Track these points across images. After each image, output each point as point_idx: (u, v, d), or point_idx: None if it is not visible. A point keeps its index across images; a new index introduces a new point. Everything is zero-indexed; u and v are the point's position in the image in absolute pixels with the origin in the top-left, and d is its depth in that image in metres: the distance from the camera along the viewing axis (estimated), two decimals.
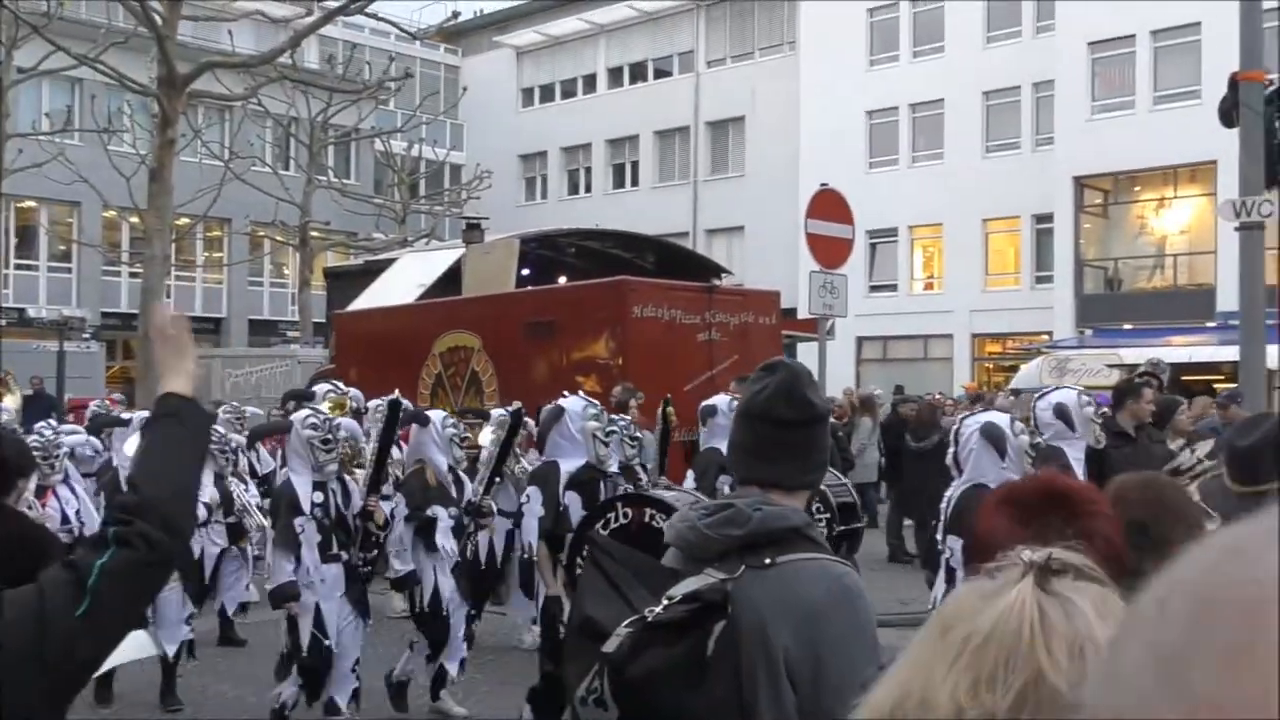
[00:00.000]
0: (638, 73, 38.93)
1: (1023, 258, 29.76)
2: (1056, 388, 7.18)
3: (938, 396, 16.82)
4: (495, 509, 7.89)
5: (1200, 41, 24.17)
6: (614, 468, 6.62)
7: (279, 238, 30.93)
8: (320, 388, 8.53)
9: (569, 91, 40.71)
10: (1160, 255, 27.32)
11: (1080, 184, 27.19)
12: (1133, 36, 25.91)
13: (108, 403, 13.24)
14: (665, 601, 2.12)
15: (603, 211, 31.61)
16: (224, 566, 8.59)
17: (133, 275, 30.10)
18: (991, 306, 29.42)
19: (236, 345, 31.41)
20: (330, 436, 6.27)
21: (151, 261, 17.96)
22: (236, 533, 8.58)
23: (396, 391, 7.15)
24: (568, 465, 6.45)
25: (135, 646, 2.69)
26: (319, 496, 6.20)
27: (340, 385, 8.59)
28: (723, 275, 15.49)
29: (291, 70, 23.86)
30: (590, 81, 40.05)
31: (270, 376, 21.20)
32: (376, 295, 14.84)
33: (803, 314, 13.31)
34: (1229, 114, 10.87)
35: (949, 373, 28.89)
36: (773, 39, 35.08)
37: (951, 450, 5.24)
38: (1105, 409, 8.74)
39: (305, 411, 6.62)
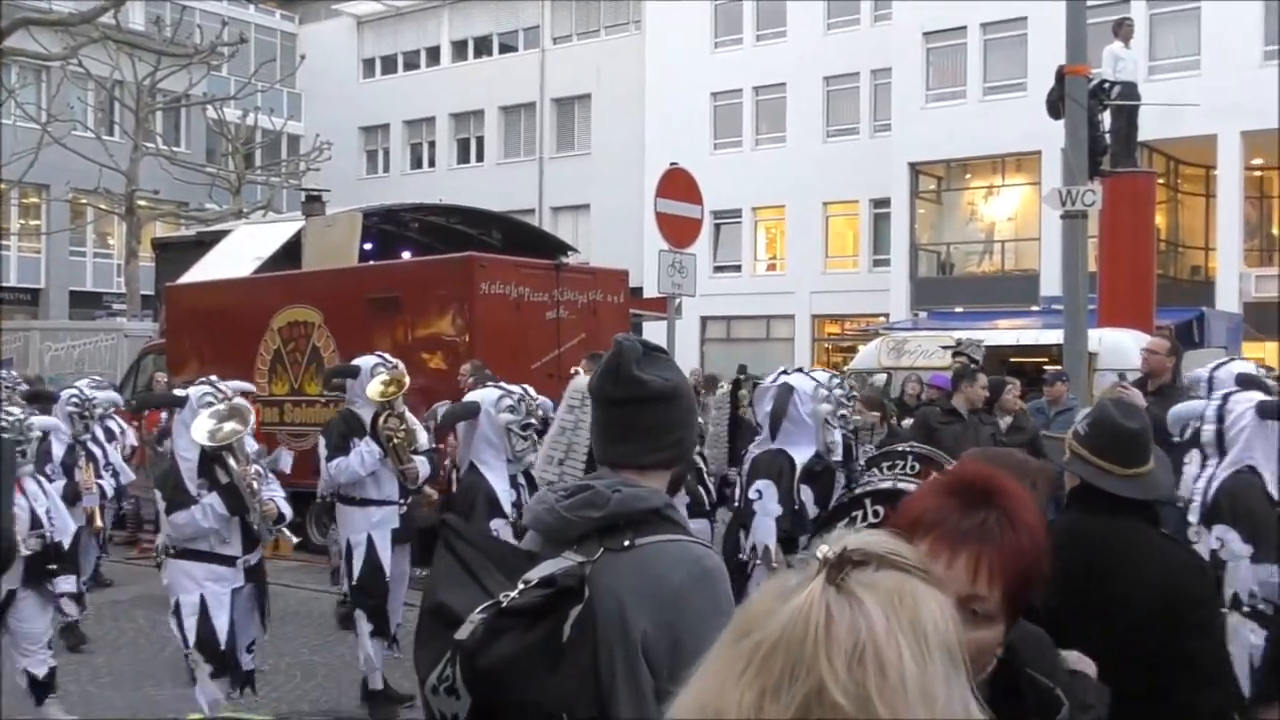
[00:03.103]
0: (482, 47, 38.42)
1: (861, 241, 30.63)
2: (1233, 359, 6.61)
3: None
4: None
5: (1027, 35, 25.24)
6: (839, 456, 5.78)
7: (103, 206, 29.40)
8: (366, 361, 7.21)
9: (412, 63, 39.90)
10: (989, 241, 28.49)
11: (915, 170, 28.09)
12: (964, 28, 26.85)
13: None
14: (520, 586, 2.06)
15: (447, 186, 31.10)
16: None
17: None
18: (831, 288, 30.20)
19: (57, 317, 29.78)
20: (531, 420, 5.40)
21: None
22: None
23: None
24: (799, 454, 5.58)
25: None
26: (513, 494, 5.36)
27: (388, 357, 7.34)
28: (569, 253, 15.42)
29: (115, 31, 22.65)
30: (434, 54, 39.34)
31: (94, 350, 20.16)
32: (210, 268, 14.24)
33: (649, 293, 13.39)
34: (1055, 105, 11.36)
35: (791, 353, 29.53)
36: (618, 18, 35.09)
37: (1211, 428, 4.80)
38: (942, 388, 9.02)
39: (497, 391, 5.62)
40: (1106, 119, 13.26)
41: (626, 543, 2.09)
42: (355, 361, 7.31)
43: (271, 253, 13.67)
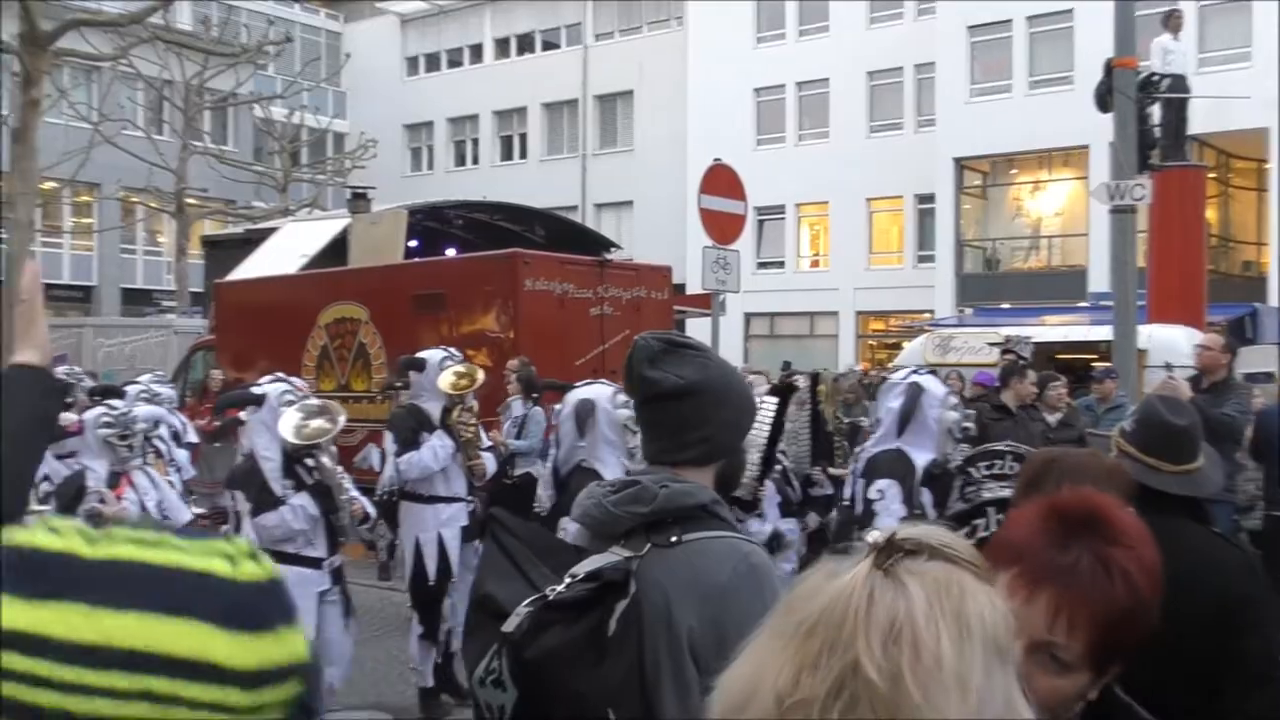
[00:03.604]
0: (525, 44, 38.54)
1: (906, 237, 30.40)
2: None
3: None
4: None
5: (1073, 28, 24.94)
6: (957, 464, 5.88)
7: (153, 204, 29.84)
8: (434, 355, 7.05)
9: (455, 61, 40.12)
10: (1036, 237, 28.18)
11: (960, 165, 27.85)
12: (1010, 21, 26.58)
13: None
14: (567, 580, 2.07)
15: (490, 184, 31.28)
16: None
17: None
18: (875, 284, 30.00)
19: (108, 314, 30.30)
20: None
21: (16, 227, 17.18)
22: None
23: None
24: (917, 458, 5.37)
25: None
26: None
27: (453, 351, 7.20)
28: (612, 249, 15.46)
29: (164, 31, 22.97)
30: (477, 52, 39.53)
31: (145, 347, 20.51)
32: (258, 265, 14.42)
33: (692, 289, 13.35)
34: (1104, 99, 11.22)
35: (834, 350, 29.40)
36: (660, 14, 35.08)
37: None
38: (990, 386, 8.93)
39: (610, 387, 5.45)
40: (1156, 112, 13.08)
41: (674, 538, 2.09)
42: (421, 354, 7.18)
43: (318, 250, 13.82)
